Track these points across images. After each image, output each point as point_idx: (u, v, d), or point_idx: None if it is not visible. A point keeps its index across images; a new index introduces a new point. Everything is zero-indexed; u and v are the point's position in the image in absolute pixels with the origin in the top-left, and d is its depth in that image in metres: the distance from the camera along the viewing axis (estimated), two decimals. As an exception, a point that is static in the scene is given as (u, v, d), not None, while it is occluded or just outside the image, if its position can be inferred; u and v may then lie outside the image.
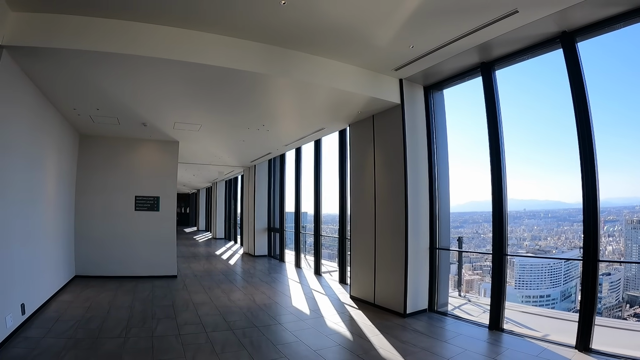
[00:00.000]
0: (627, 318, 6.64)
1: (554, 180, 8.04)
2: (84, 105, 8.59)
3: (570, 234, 7.55)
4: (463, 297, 9.29)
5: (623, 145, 6.79)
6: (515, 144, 7.78)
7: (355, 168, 9.77)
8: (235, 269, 14.68)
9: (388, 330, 7.13)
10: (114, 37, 5.73)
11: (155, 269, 11.99)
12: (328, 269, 13.72)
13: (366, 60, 7.41)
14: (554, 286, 7.62)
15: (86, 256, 11.20)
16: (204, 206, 38.53)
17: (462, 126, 10.03)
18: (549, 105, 8.23)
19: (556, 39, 6.21)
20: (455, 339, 6.68)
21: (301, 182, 15.24)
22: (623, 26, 5.68)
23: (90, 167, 11.53)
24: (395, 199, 8.35)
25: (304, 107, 8.92)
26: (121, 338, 6.32)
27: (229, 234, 27.86)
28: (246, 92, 7.69)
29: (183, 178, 26.38)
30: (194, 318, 7.67)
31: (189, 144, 13.00)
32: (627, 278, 6.66)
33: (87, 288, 9.82)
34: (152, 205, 12.24)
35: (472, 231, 9.29)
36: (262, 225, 18.58)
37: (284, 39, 6.52)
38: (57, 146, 9.14)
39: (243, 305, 8.75)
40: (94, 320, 7.24)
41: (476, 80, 7.64)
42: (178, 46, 6.05)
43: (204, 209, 38.54)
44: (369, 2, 5.31)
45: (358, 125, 9.74)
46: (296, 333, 6.92)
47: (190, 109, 9.02)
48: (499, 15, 5.56)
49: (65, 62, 6.10)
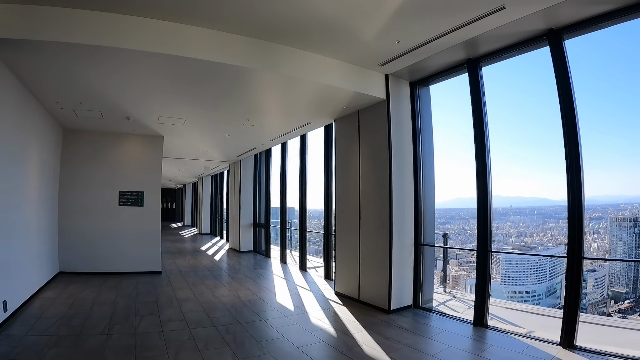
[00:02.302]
0: (611, 314, 6.70)
1: (540, 177, 8.10)
2: (67, 99, 8.48)
3: (556, 231, 7.61)
4: (448, 293, 9.31)
5: (610, 144, 6.86)
6: (502, 141, 7.84)
7: (340, 163, 9.74)
8: (221, 264, 14.64)
9: (372, 326, 7.10)
10: (98, 30, 5.62)
11: (140, 264, 11.90)
12: (314, 265, 13.68)
13: (352, 55, 7.35)
14: (540, 282, 7.66)
15: (70, 252, 11.09)
16: (190, 201, 38.33)
17: (449, 122, 10.06)
18: (535, 103, 8.28)
19: (543, 36, 6.20)
20: (440, 335, 6.68)
21: (287, 178, 15.21)
22: (610, 25, 5.68)
23: (74, 161, 11.40)
24: (379, 194, 8.31)
25: (289, 101, 8.86)
26: (104, 335, 6.27)
27: (215, 229, 27.72)
28: (231, 86, 7.62)
29: (169, 173, 26.24)
30: (178, 314, 7.62)
31: (173, 138, 12.88)
32: (612, 274, 6.72)
33: (71, 284, 9.73)
34: (136, 201, 12.13)
35: (458, 227, 9.32)
36: (248, 220, 18.53)
37: (269, 33, 6.44)
38: (40, 140, 9.02)
39: (227, 302, 8.70)
40: (76, 317, 7.18)
41: (464, 77, 7.59)
42: (162, 39, 5.96)
43: (190, 205, 38.33)
44: (354, -5, 5.25)
45: (343, 120, 9.69)
46: (280, 329, 6.88)
47: (175, 102, 8.92)
48: (486, 11, 5.52)
49: (48, 54, 6.01)
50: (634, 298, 6.44)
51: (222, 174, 25.85)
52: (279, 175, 15.46)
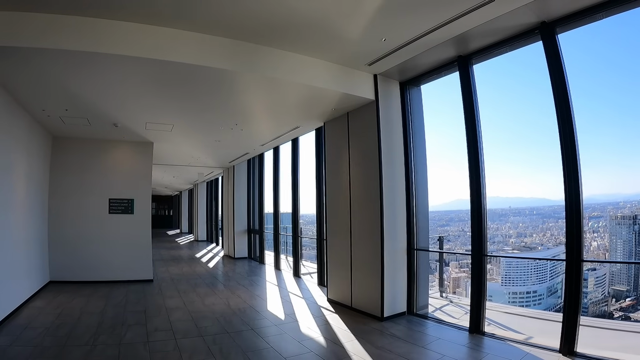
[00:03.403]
0: (613, 313, 6.62)
1: (539, 177, 8.07)
2: (52, 106, 8.37)
3: (556, 231, 7.57)
4: (445, 298, 9.16)
5: (606, 142, 6.78)
6: (499, 143, 7.84)
7: (331, 167, 9.59)
8: (214, 271, 14.53)
9: (364, 335, 6.91)
10: (75, 35, 5.53)
11: (131, 273, 11.76)
12: (309, 271, 13.56)
13: (338, 55, 7.18)
14: (541, 282, 7.62)
15: (60, 261, 10.95)
16: (186, 208, 38.31)
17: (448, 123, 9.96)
18: (532, 102, 8.26)
19: (535, 30, 6.02)
20: (434, 343, 6.49)
21: (279, 183, 15.10)
22: (605, 16, 5.51)
23: (63, 169, 11.28)
24: (370, 198, 8.14)
25: (275, 104, 8.68)
26: (88, 346, 6.16)
27: (210, 236, 27.63)
28: (214, 90, 7.48)
29: (164, 180, 26.23)
30: (165, 324, 7.46)
31: (163, 144, 12.77)
32: (613, 273, 6.70)
33: (61, 294, 9.62)
34: (126, 208, 12.00)
35: (458, 229, 9.22)
36: (242, 227, 18.40)
37: (251, 34, 6.29)
38: (27, 148, 8.97)
39: (217, 310, 8.53)
40: (63, 327, 7.09)
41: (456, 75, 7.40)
42: (141, 43, 5.84)
43: (186, 211, 38.31)
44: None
45: (333, 123, 9.53)
46: (268, 339, 6.71)
47: (159, 108, 8.79)
48: (474, 4, 5.34)
49: (28, 60, 5.91)
50: (635, 296, 6.39)
51: (216, 180, 25.79)
52: (272, 180, 15.36)
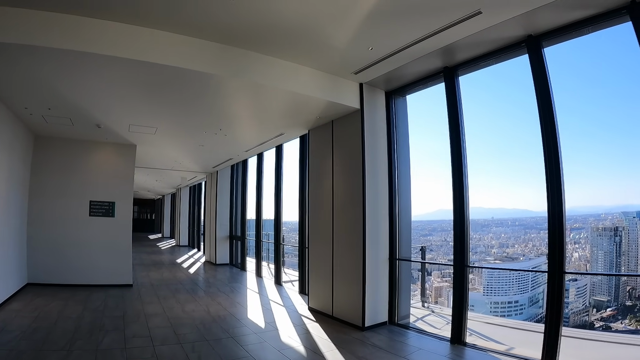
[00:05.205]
0: (594, 322, 6.64)
1: (521, 189, 8.08)
2: (35, 104, 8.25)
3: (537, 241, 7.60)
4: (427, 308, 9.13)
5: (588, 154, 6.84)
6: (482, 155, 7.86)
7: (314, 175, 9.57)
8: (194, 278, 14.37)
9: (345, 344, 6.85)
10: (58, 32, 5.42)
11: (111, 277, 11.57)
12: (290, 279, 13.46)
13: (324, 62, 7.17)
14: (522, 292, 7.64)
15: (39, 263, 10.78)
16: (168, 212, 37.91)
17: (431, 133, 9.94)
18: (515, 117, 8.35)
19: (522, 43, 6.07)
20: (415, 354, 6.44)
21: (263, 189, 15.02)
22: (590, 31, 5.60)
23: (44, 169, 11.13)
24: (353, 207, 8.12)
25: (260, 110, 8.66)
26: (64, 351, 6.02)
27: (192, 241, 27.42)
28: (198, 94, 7.43)
29: (146, 183, 26.03)
30: (143, 330, 7.33)
31: (147, 147, 12.66)
32: (594, 283, 6.73)
33: (38, 297, 9.44)
34: (107, 211, 11.85)
35: (440, 239, 9.23)
36: (224, 233, 18.29)
37: (237, 39, 6.25)
38: (8, 146, 8.82)
39: (196, 317, 8.42)
40: (39, 331, 6.95)
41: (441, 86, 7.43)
42: (125, 43, 5.75)
43: (168, 216, 37.90)
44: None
45: (317, 130, 9.52)
46: (247, 348, 6.61)
47: (143, 110, 8.72)
48: (461, 17, 5.37)
49: (10, 57, 5.79)
50: (616, 306, 6.42)
51: (199, 185, 25.60)
52: (255, 186, 15.28)
